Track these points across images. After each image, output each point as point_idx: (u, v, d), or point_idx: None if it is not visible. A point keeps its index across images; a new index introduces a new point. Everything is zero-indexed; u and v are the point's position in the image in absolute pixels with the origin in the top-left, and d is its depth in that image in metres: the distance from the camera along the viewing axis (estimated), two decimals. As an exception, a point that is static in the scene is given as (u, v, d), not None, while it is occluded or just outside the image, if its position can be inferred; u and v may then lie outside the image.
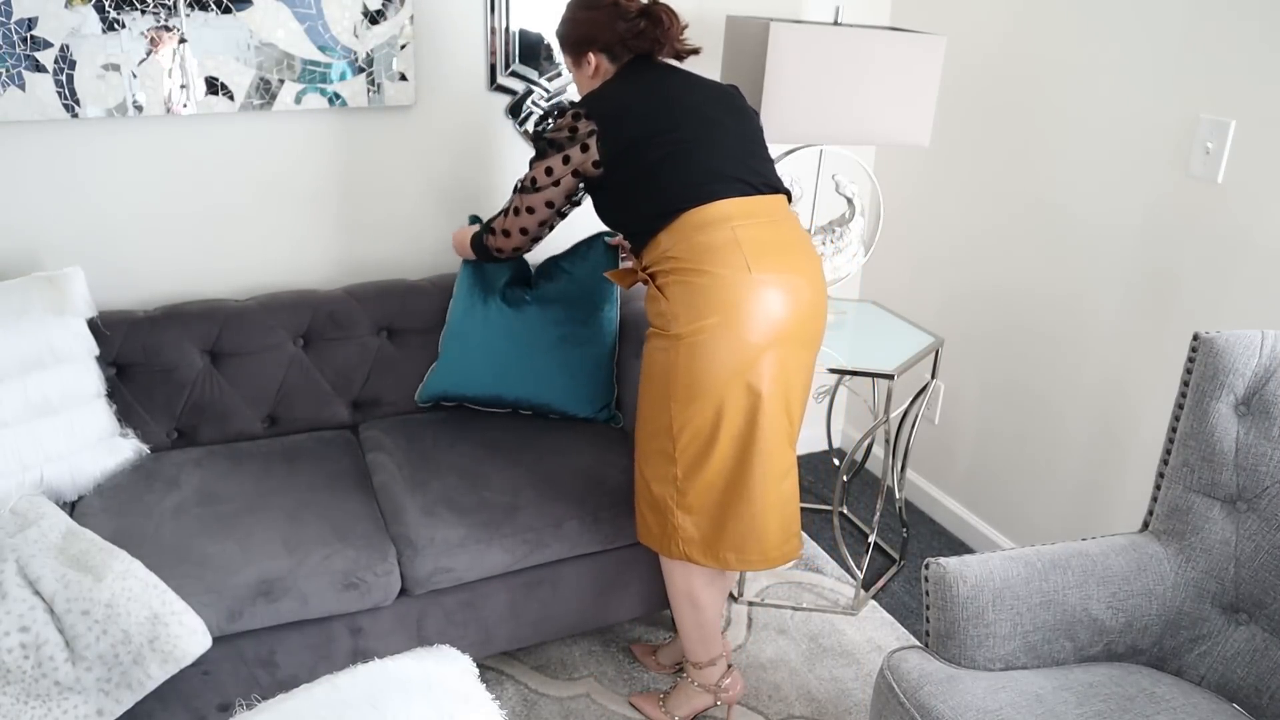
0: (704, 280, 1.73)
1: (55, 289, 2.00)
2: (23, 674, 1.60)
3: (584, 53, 1.93)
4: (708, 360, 1.74)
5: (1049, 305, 2.45)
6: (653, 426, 1.84)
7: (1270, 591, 1.57)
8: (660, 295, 1.79)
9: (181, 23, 2.10)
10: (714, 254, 1.74)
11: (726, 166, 1.80)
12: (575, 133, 1.83)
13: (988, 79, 2.54)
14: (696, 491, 1.83)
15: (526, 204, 1.93)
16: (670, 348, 1.77)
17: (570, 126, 1.84)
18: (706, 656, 2.03)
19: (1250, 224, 1.97)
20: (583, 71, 1.96)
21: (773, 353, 1.76)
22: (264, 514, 1.95)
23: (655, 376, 1.82)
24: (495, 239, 2.03)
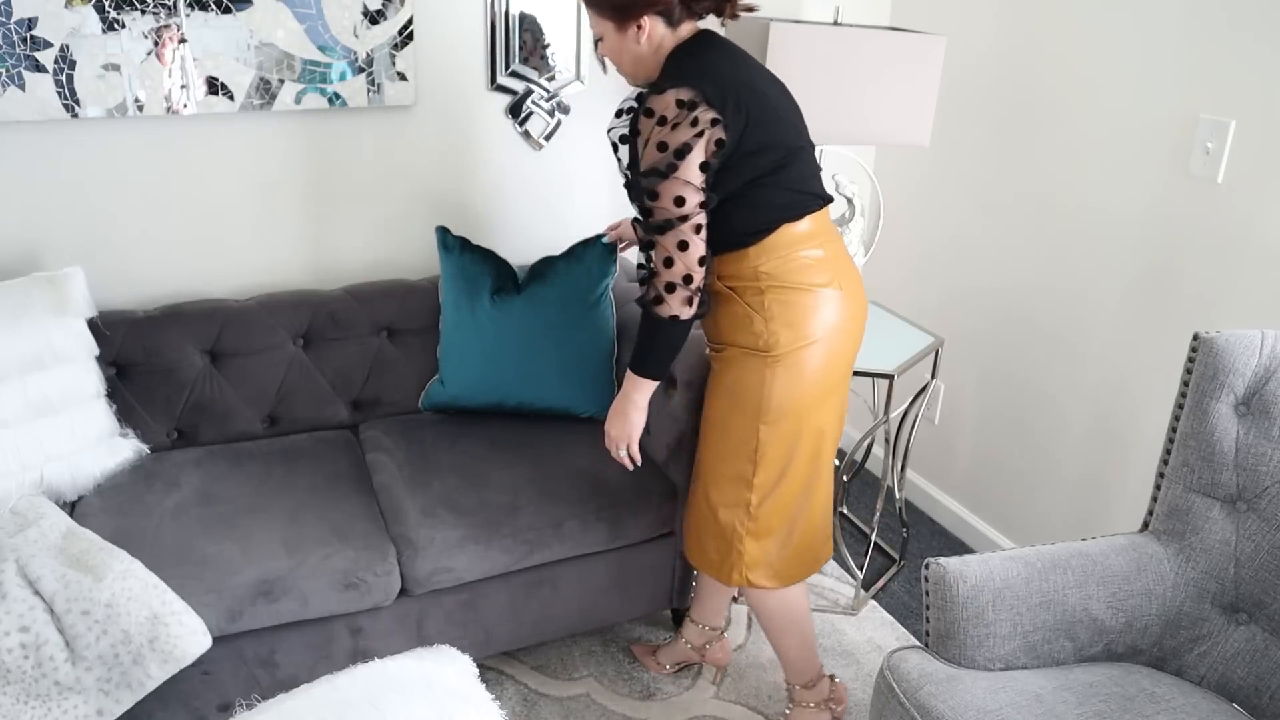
0: (807, 299, 1.68)
1: (55, 289, 2.00)
2: (23, 674, 1.60)
3: (635, 16, 1.62)
4: (805, 380, 1.71)
5: (1049, 305, 2.45)
6: (730, 450, 1.78)
7: (1270, 591, 1.57)
8: (754, 313, 1.69)
9: (181, 23, 2.10)
10: (812, 271, 1.68)
11: (813, 176, 1.72)
12: (696, 123, 1.56)
13: (988, 79, 2.54)
14: (768, 514, 1.80)
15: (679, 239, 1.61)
16: (766, 367, 1.70)
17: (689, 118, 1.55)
18: (814, 672, 2.02)
19: (1250, 224, 1.97)
20: (625, 42, 1.66)
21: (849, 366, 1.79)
22: (264, 514, 1.95)
23: (743, 398, 1.74)
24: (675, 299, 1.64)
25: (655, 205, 1.61)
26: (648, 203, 1.62)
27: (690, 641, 2.21)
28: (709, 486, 1.85)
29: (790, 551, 1.86)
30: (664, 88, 1.58)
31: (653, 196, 1.60)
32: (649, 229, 1.63)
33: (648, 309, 1.67)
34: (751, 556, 1.84)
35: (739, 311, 1.72)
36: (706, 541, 1.88)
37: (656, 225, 1.62)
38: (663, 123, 1.57)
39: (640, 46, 1.65)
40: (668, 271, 1.62)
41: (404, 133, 2.42)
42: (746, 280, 1.69)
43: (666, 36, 1.66)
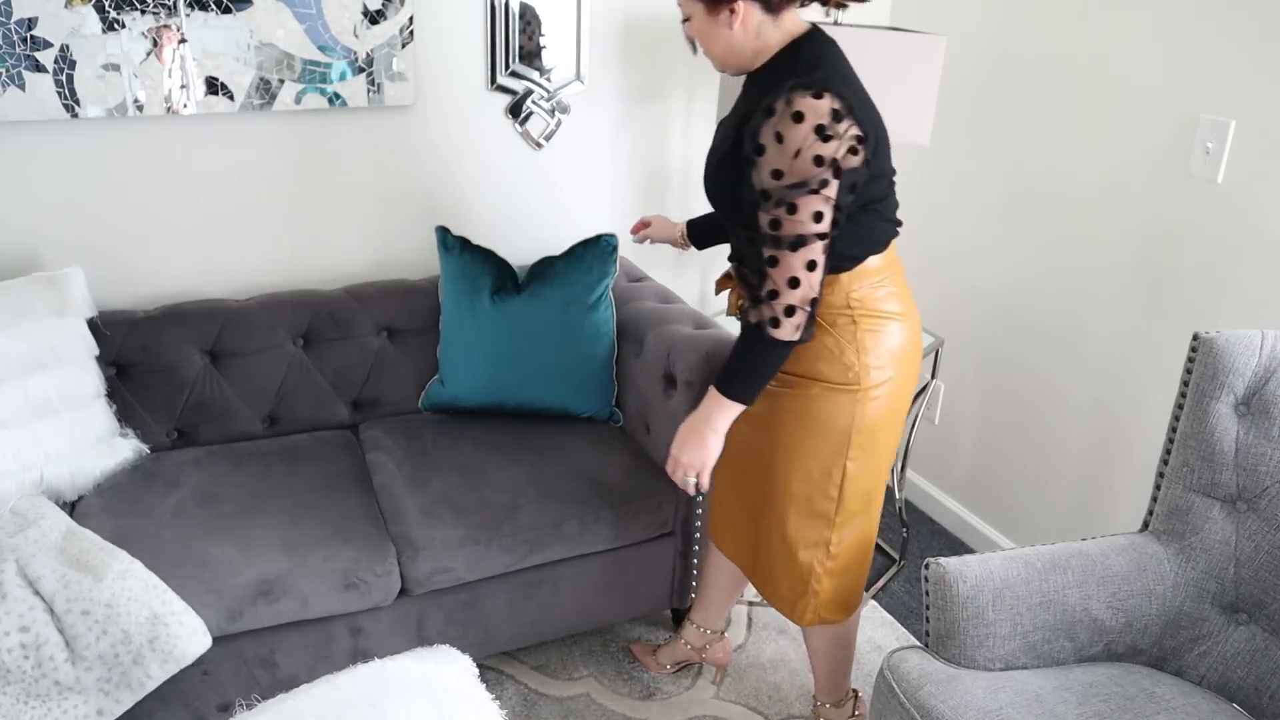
0: (892, 328, 1.64)
1: (55, 289, 2.00)
2: (23, 674, 1.60)
3: (727, 3, 1.49)
4: (891, 411, 1.68)
5: (1049, 304, 2.45)
6: (811, 486, 1.72)
7: (1270, 591, 1.57)
8: (845, 344, 1.62)
9: (181, 23, 2.09)
10: (891, 300, 1.64)
11: (897, 204, 1.66)
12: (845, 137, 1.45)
13: (988, 79, 2.54)
14: (848, 550, 1.77)
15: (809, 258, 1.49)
16: (856, 402, 1.64)
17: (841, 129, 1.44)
18: (846, 691, 2.02)
19: (1250, 224, 1.97)
20: (716, 27, 1.52)
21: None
22: (264, 514, 1.95)
23: (828, 433, 1.67)
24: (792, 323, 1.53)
25: (789, 219, 1.46)
26: (778, 214, 1.47)
27: (690, 642, 2.20)
28: (790, 526, 1.76)
29: (857, 579, 1.84)
30: (814, 89, 1.43)
31: (790, 210, 1.46)
32: (770, 243, 1.49)
33: (760, 332, 1.54)
34: (827, 594, 1.79)
35: (828, 343, 1.63)
36: (780, 579, 1.81)
37: (787, 241, 1.47)
38: (819, 132, 1.43)
39: (734, 33, 1.52)
40: (792, 293, 1.50)
41: (404, 133, 2.42)
42: (838, 309, 1.62)
43: (766, 24, 1.52)
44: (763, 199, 1.49)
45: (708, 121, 2.71)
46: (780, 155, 1.44)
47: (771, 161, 1.46)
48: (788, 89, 1.44)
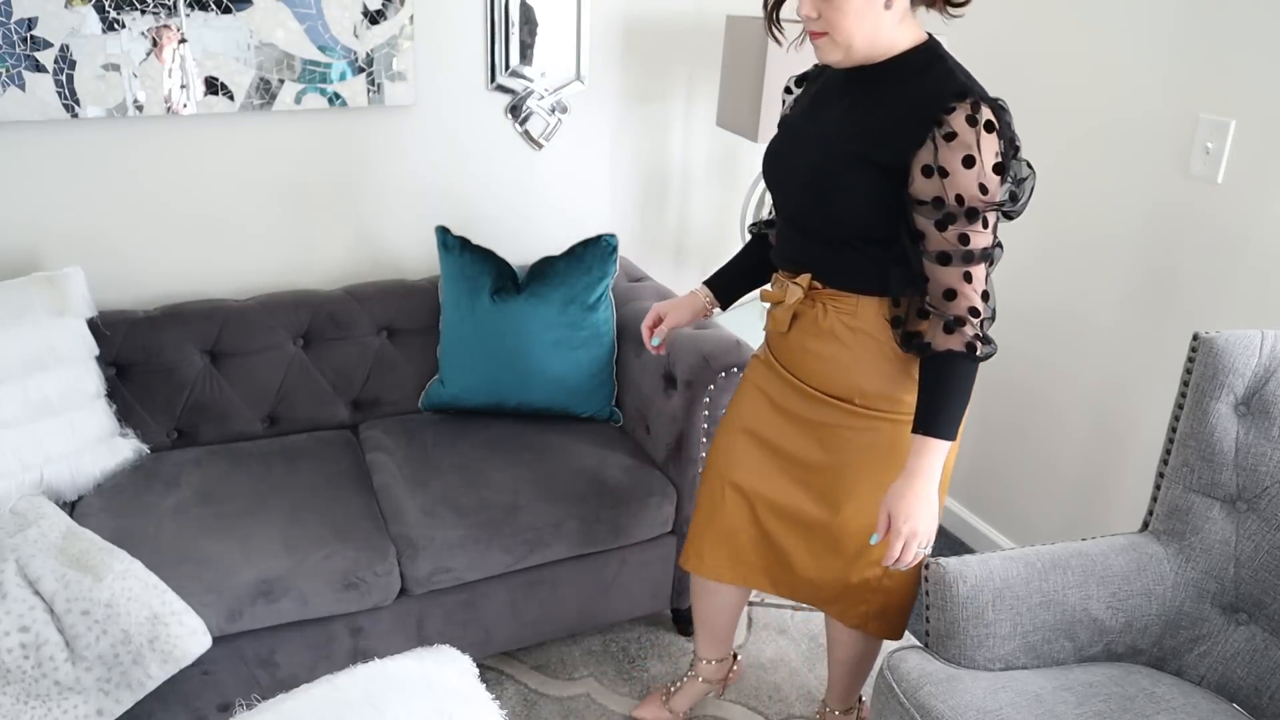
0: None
1: (55, 289, 2.00)
2: (23, 674, 1.60)
3: None
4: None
5: (1048, 304, 2.45)
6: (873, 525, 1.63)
7: (1270, 591, 1.57)
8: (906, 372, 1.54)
9: (181, 23, 2.09)
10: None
11: None
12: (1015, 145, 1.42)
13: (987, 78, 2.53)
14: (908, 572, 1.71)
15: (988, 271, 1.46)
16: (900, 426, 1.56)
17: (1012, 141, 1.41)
18: (854, 701, 1.99)
19: (1250, 224, 1.97)
20: (868, 3, 1.38)
21: None
22: (264, 514, 1.95)
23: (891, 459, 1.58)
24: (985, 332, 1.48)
25: (981, 233, 1.41)
26: (971, 229, 1.40)
27: (707, 678, 2.06)
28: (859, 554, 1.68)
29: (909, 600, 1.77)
30: (993, 100, 1.40)
31: (984, 224, 1.41)
32: (962, 259, 1.41)
33: (971, 354, 1.44)
34: (878, 606, 1.74)
35: (912, 369, 1.53)
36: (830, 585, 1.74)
37: (978, 255, 1.42)
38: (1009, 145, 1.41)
39: (885, 15, 1.40)
40: (985, 307, 1.45)
41: (404, 133, 2.42)
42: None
43: (908, 17, 1.44)
44: (961, 215, 1.39)
45: (708, 121, 2.71)
46: (981, 169, 1.38)
47: (976, 175, 1.37)
48: (975, 96, 1.39)
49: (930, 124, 1.38)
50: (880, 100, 1.45)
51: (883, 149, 1.43)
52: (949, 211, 1.40)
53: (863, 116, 1.47)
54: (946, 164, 1.38)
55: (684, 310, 1.82)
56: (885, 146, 1.43)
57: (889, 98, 1.44)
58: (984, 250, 1.43)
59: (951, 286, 1.43)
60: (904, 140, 1.41)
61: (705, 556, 1.83)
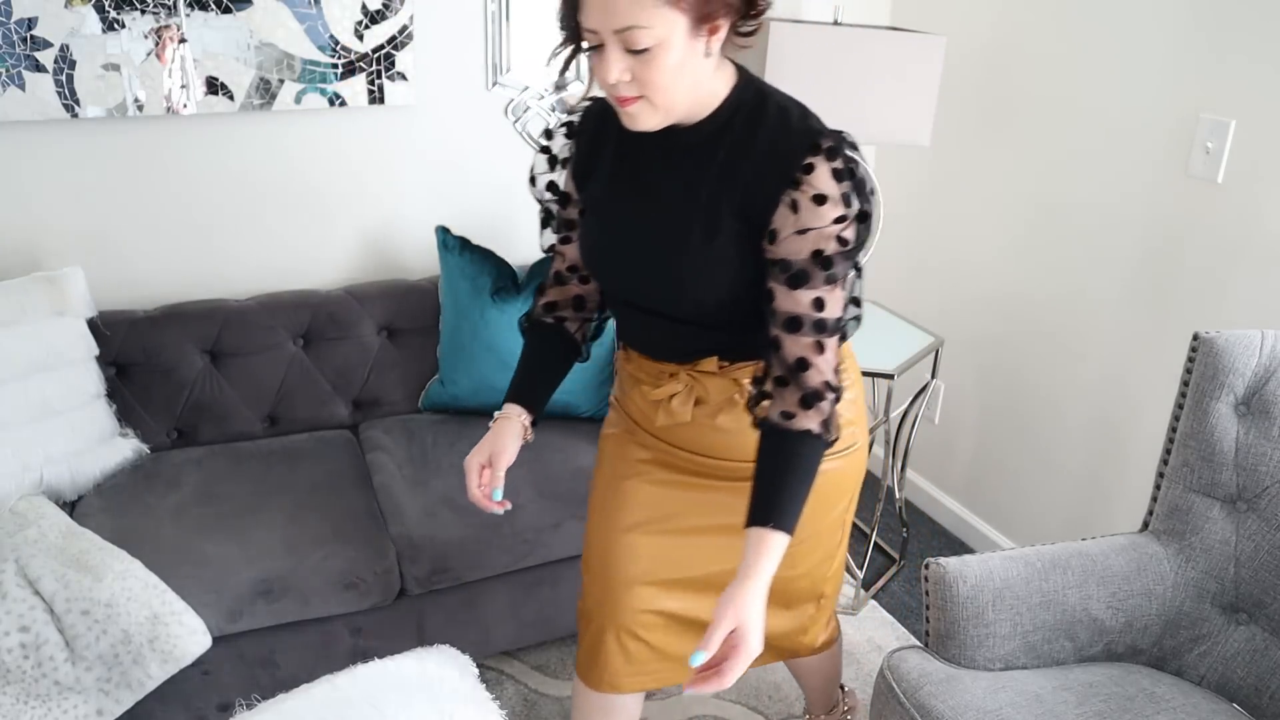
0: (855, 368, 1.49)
1: (55, 289, 2.00)
2: (23, 674, 1.60)
3: (714, 18, 1.16)
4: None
5: (1049, 304, 2.45)
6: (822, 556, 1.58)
7: (1270, 591, 1.57)
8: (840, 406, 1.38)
9: (181, 23, 2.10)
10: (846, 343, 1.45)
11: None
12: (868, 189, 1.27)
13: (987, 79, 2.54)
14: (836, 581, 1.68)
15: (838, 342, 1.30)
16: (857, 458, 1.51)
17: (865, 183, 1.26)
18: (835, 698, 1.98)
19: (1250, 224, 1.97)
20: (692, 55, 1.17)
21: None
22: (264, 514, 1.95)
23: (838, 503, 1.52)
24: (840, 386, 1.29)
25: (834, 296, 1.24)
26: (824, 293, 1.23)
27: None
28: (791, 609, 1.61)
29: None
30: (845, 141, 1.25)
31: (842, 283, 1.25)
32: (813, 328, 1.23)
33: (822, 439, 1.26)
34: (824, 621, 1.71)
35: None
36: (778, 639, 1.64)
37: (832, 323, 1.24)
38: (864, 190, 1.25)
39: (704, 64, 1.20)
40: (837, 380, 1.27)
41: (404, 133, 2.42)
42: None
43: (715, 60, 1.23)
44: (816, 272, 1.21)
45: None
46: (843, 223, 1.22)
47: (832, 230, 1.21)
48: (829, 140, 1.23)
49: (789, 182, 1.21)
50: (724, 159, 1.26)
51: (745, 209, 1.25)
52: (801, 269, 1.22)
53: (710, 180, 1.26)
54: (809, 223, 1.21)
55: (510, 444, 1.48)
56: (747, 206, 1.24)
57: (735, 154, 1.25)
58: (837, 321, 1.25)
59: (803, 356, 1.24)
60: (764, 198, 1.23)
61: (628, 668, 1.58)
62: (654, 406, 1.45)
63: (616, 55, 1.15)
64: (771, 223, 1.23)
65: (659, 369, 1.43)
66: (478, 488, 1.46)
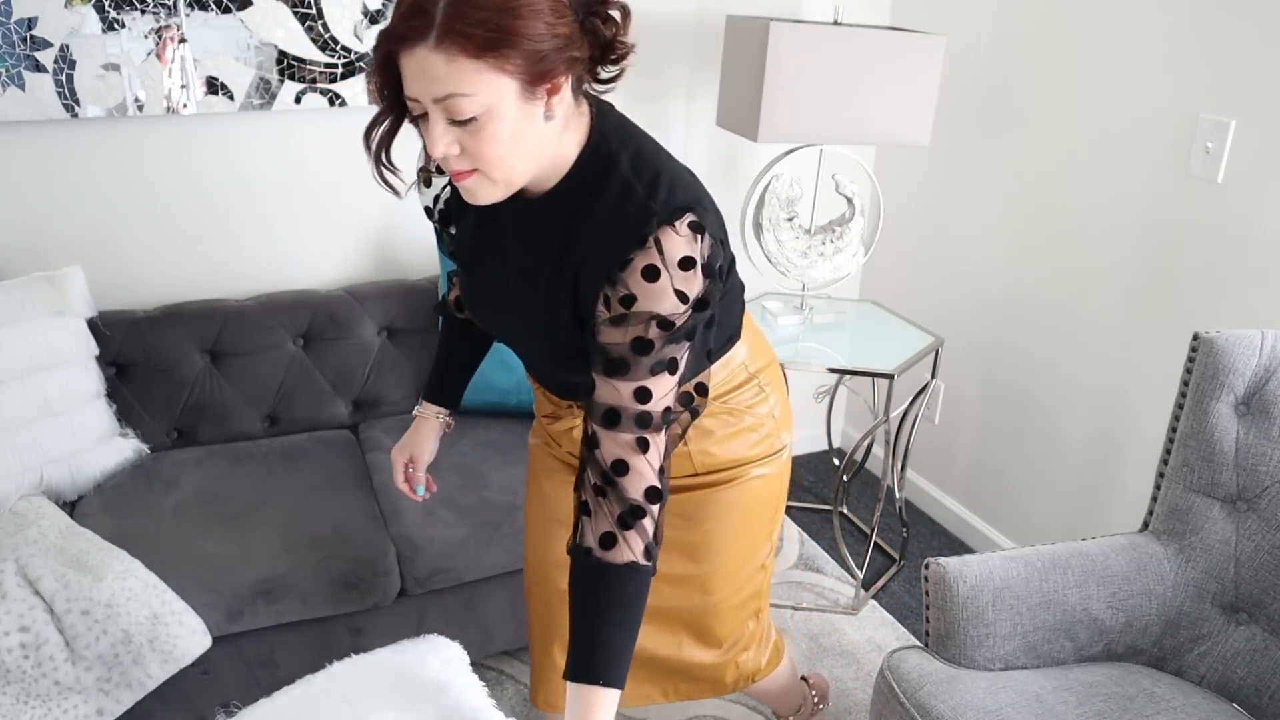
0: (777, 373, 1.48)
1: (55, 289, 2.00)
2: (23, 674, 1.60)
3: (555, 70, 1.02)
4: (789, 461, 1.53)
5: (1049, 304, 2.45)
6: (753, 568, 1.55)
7: (1270, 591, 1.57)
8: (762, 416, 1.42)
9: (181, 22, 2.10)
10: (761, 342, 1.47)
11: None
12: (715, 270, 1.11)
13: (987, 79, 2.54)
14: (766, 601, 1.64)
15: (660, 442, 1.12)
16: (782, 466, 1.49)
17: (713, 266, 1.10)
18: (800, 699, 1.94)
19: (1250, 224, 1.97)
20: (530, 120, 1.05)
21: None
22: (264, 514, 1.95)
23: (765, 512, 1.50)
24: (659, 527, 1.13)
25: (662, 385, 1.10)
26: (649, 383, 1.09)
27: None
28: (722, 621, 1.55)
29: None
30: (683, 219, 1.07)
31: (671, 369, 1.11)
32: (636, 422, 1.10)
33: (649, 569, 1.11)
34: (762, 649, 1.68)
35: (749, 423, 1.41)
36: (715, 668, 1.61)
37: (656, 419, 1.10)
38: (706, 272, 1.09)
39: (546, 127, 1.07)
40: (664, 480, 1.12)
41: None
42: (741, 385, 1.39)
43: (570, 109, 1.10)
44: (636, 360, 1.08)
45: (708, 121, 2.71)
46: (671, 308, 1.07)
47: (651, 319, 1.07)
48: (654, 232, 1.06)
49: (606, 277, 1.09)
50: (565, 235, 1.15)
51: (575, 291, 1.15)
52: (620, 358, 1.08)
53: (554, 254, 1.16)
54: (624, 313, 1.08)
55: (428, 442, 1.52)
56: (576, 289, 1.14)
57: (574, 229, 1.14)
58: (664, 413, 1.11)
59: (621, 457, 1.09)
60: (586, 285, 1.12)
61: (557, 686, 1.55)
62: (560, 434, 1.43)
63: (441, 127, 1.05)
64: (592, 312, 1.11)
65: (557, 401, 1.39)
66: (403, 480, 1.54)
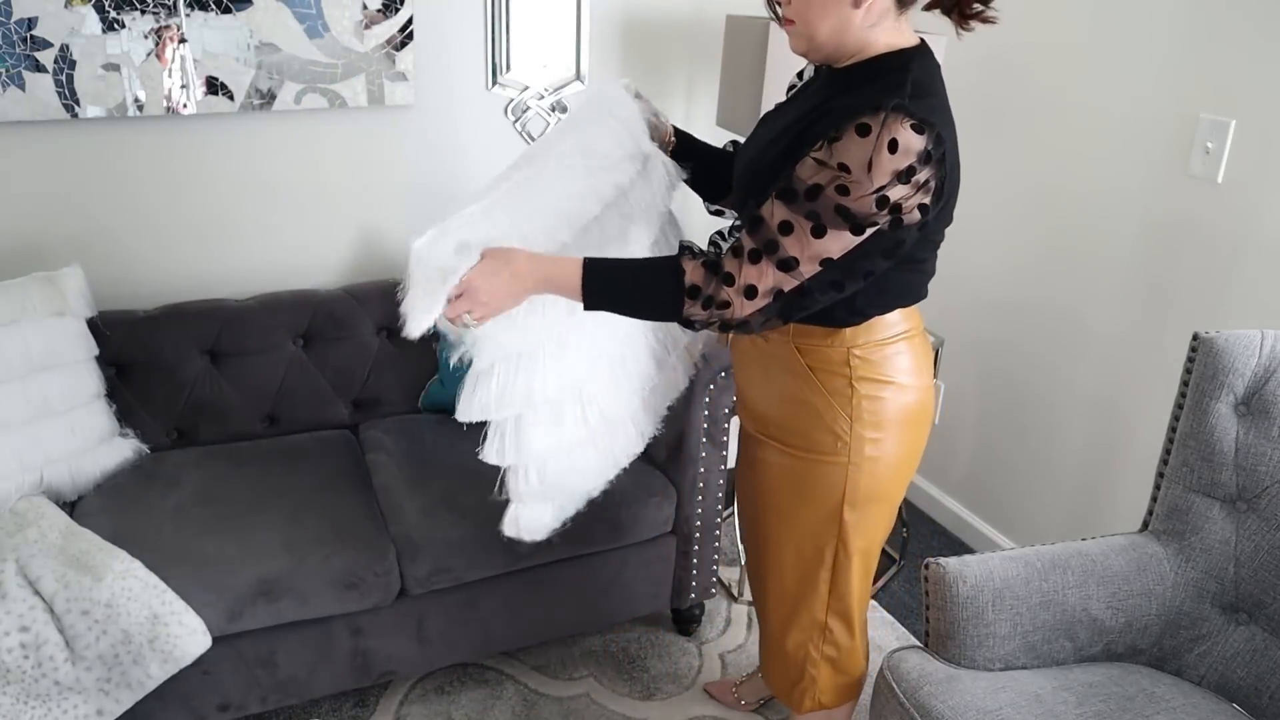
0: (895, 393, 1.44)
1: (55, 289, 2.00)
2: (23, 674, 1.60)
3: None
4: (892, 482, 1.51)
5: (1049, 304, 2.45)
6: (804, 563, 1.55)
7: (1270, 591, 1.57)
8: (836, 409, 1.42)
9: (181, 23, 2.09)
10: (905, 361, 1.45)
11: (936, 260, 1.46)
12: (918, 186, 1.23)
13: (987, 79, 2.54)
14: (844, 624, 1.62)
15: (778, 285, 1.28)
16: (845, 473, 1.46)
17: (918, 178, 1.22)
18: None
19: (1250, 224, 1.97)
20: (838, 5, 1.27)
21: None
22: (264, 514, 1.95)
23: (818, 504, 1.50)
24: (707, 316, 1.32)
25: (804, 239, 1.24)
26: (799, 222, 1.24)
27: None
28: (781, 601, 1.60)
29: (857, 662, 1.69)
30: (918, 120, 1.21)
31: (817, 232, 1.23)
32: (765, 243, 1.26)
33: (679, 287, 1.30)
34: (826, 681, 1.65)
35: (818, 405, 1.42)
36: (773, 659, 1.67)
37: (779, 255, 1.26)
38: (904, 172, 1.21)
39: (855, 14, 1.27)
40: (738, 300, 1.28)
41: (404, 133, 2.42)
42: (835, 366, 1.41)
43: (888, 19, 1.30)
44: (803, 197, 1.24)
45: (708, 121, 2.71)
46: (858, 176, 1.21)
47: (842, 177, 1.22)
48: (891, 107, 1.21)
49: (852, 127, 1.23)
50: (835, 99, 1.31)
51: (809, 134, 1.30)
52: (800, 190, 1.24)
53: (802, 121, 1.33)
54: (843, 167, 1.22)
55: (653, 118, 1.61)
56: (813, 132, 1.29)
57: (841, 96, 1.31)
58: (791, 259, 1.25)
59: (741, 248, 1.28)
60: (821, 129, 1.28)
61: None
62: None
63: None
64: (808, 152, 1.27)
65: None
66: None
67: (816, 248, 1.24)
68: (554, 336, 1.46)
